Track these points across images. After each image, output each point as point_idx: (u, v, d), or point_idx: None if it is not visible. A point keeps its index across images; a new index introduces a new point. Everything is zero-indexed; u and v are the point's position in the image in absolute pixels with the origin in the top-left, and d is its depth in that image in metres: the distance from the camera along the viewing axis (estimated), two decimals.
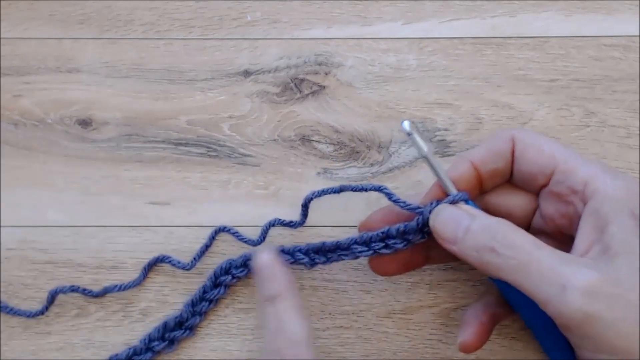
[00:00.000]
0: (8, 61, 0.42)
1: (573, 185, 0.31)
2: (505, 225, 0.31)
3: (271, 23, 0.42)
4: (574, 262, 0.29)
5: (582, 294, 0.27)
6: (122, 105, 0.41)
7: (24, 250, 0.40)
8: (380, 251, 0.34)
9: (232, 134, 0.41)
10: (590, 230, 0.30)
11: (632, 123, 0.40)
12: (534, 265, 0.28)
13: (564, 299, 0.27)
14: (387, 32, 0.41)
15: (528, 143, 0.33)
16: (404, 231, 0.34)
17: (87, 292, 0.38)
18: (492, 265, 0.30)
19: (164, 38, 0.42)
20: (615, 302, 0.27)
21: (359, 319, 0.39)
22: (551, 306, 0.28)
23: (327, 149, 0.40)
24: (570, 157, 0.32)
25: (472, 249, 0.31)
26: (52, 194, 0.40)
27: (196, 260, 0.39)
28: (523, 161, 0.33)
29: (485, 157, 0.34)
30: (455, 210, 0.32)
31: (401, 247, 0.34)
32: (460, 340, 0.34)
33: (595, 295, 0.27)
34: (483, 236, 0.30)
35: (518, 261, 0.29)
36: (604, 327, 0.27)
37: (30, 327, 0.39)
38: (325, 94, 0.41)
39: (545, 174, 0.33)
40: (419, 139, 0.32)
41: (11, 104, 0.41)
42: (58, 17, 0.42)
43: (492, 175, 0.34)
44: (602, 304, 0.27)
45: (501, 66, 0.41)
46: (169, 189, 0.40)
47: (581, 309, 0.27)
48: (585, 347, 0.28)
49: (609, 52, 0.41)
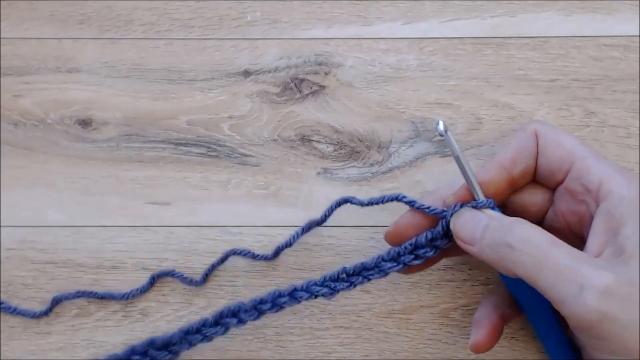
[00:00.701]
0: (8, 61, 0.42)
1: (587, 184, 0.31)
2: (522, 222, 0.31)
3: (271, 23, 0.42)
4: (591, 262, 0.29)
5: (599, 294, 0.27)
6: (122, 105, 0.41)
7: (24, 250, 0.40)
8: (411, 263, 0.33)
9: (232, 134, 0.41)
10: (603, 231, 0.30)
11: (632, 123, 0.40)
12: (551, 263, 0.28)
13: (581, 299, 0.27)
14: (387, 32, 0.41)
15: (550, 138, 0.33)
16: (432, 238, 0.33)
17: (92, 295, 0.38)
18: (508, 261, 0.30)
19: (164, 38, 0.42)
20: (631, 304, 0.27)
21: (359, 319, 0.39)
22: (566, 305, 0.28)
23: (327, 149, 0.40)
24: (588, 156, 0.32)
25: (489, 247, 0.31)
26: (52, 194, 0.40)
27: (207, 276, 0.39)
28: (543, 156, 0.33)
29: (514, 157, 0.33)
30: (475, 212, 0.32)
31: (432, 254, 0.33)
32: (472, 341, 0.34)
33: (612, 296, 0.27)
34: (500, 233, 0.30)
35: (535, 258, 0.29)
36: (619, 328, 0.27)
37: (30, 327, 0.39)
38: (325, 94, 0.41)
39: (563, 170, 0.33)
40: (452, 140, 0.33)
41: (11, 104, 0.41)
42: (58, 17, 0.42)
43: (523, 175, 0.34)
44: (618, 305, 0.27)
45: (501, 66, 0.41)
46: (169, 189, 0.40)
47: (598, 309, 0.27)
48: (597, 348, 0.28)
49: (609, 52, 0.41)
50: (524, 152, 0.33)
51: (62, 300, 0.38)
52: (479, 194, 0.33)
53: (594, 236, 0.30)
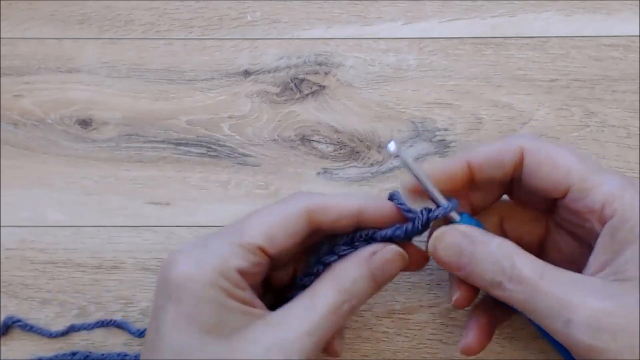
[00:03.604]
0: (8, 61, 0.42)
1: (590, 204, 0.30)
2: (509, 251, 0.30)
3: (271, 23, 0.42)
4: (581, 288, 0.28)
5: (587, 328, 0.27)
6: (122, 105, 0.41)
7: (24, 250, 0.40)
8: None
9: (232, 134, 0.41)
10: (606, 250, 0.29)
11: (632, 123, 0.40)
12: (540, 298, 0.28)
13: (570, 333, 0.27)
14: (387, 32, 0.41)
15: (542, 158, 0.31)
16: (389, 238, 0.32)
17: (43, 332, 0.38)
18: (499, 297, 0.30)
19: (164, 38, 0.42)
20: (621, 332, 0.27)
21: (359, 319, 0.39)
22: (558, 336, 0.28)
23: (327, 149, 0.40)
24: (588, 173, 0.30)
25: (479, 279, 0.30)
26: (52, 194, 0.40)
27: None
28: (535, 176, 0.31)
29: (485, 162, 0.32)
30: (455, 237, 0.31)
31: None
32: (462, 344, 0.34)
33: (601, 327, 0.27)
34: (488, 267, 0.30)
35: (525, 295, 0.29)
36: (610, 356, 0.27)
37: None
38: (325, 94, 0.41)
39: (560, 190, 0.31)
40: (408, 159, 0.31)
41: (11, 104, 0.41)
42: (58, 17, 0.42)
43: (486, 183, 0.33)
44: (607, 336, 0.27)
45: (501, 66, 0.41)
46: (169, 189, 0.40)
47: (586, 342, 0.27)
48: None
49: (609, 52, 0.41)
50: (496, 163, 0.32)
51: (79, 329, 0.38)
52: (440, 200, 0.31)
53: (596, 254, 0.30)
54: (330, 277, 0.31)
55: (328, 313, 0.30)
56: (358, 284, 0.31)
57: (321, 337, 0.30)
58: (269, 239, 0.30)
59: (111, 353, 0.38)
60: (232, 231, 0.31)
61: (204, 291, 0.29)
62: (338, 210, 0.31)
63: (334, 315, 0.30)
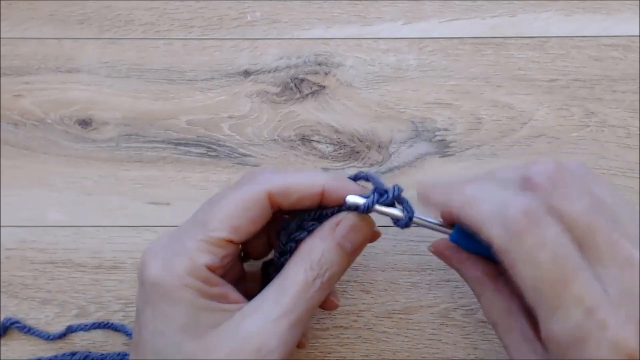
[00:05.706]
0: (8, 61, 0.42)
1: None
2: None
3: (271, 23, 0.42)
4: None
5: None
6: (122, 105, 0.41)
7: (24, 250, 0.40)
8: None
9: (232, 134, 0.41)
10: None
11: (632, 123, 0.40)
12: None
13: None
14: (387, 32, 0.41)
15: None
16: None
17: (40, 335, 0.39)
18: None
19: (164, 38, 0.42)
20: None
21: (359, 319, 0.39)
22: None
23: (327, 149, 0.40)
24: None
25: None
26: (52, 194, 0.40)
27: None
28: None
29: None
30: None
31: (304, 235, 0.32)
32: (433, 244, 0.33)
33: None
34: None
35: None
36: None
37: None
38: (325, 94, 0.41)
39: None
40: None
41: (11, 104, 0.41)
42: (58, 17, 0.42)
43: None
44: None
45: (501, 66, 0.41)
46: (169, 189, 0.40)
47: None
48: None
49: (609, 52, 0.41)
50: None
51: (76, 330, 0.38)
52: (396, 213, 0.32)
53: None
54: (298, 255, 0.31)
55: (299, 292, 0.30)
56: (326, 257, 0.31)
57: (297, 317, 0.30)
58: (234, 229, 0.30)
59: (111, 353, 0.38)
60: (196, 224, 0.31)
61: (176, 293, 0.29)
62: (300, 192, 0.31)
63: (306, 293, 0.30)
